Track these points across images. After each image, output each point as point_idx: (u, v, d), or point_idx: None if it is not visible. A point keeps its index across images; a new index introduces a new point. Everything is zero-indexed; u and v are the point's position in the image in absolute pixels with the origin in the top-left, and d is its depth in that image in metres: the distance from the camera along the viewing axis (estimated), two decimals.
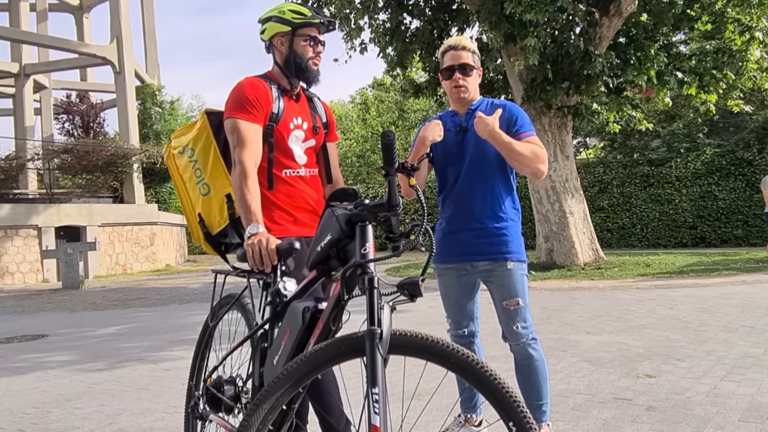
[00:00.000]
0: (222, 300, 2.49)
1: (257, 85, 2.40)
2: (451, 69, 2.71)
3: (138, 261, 19.86)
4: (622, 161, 18.47)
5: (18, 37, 21.98)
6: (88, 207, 19.08)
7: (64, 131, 27.04)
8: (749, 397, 3.38)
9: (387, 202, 1.73)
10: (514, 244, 2.68)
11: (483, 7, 10.08)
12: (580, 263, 10.89)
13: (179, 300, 10.63)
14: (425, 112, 28.20)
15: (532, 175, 2.66)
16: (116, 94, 22.67)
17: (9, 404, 4.20)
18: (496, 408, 1.51)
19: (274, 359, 1.90)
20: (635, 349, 4.72)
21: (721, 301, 7.03)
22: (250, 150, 2.29)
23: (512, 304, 2.65)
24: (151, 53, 27.30)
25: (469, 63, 2.70)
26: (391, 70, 13.18)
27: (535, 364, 2.68)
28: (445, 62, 2.74)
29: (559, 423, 3.09)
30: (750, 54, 11.62)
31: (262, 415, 1.59)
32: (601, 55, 10.05)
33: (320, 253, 1.87)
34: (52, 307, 10.96)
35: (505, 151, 2.59)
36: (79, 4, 25.97)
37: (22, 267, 17.17)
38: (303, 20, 2.40)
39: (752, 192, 16.30)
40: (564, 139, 11.40)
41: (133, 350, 6.05)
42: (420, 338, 1.58)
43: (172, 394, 4.17)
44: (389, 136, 1.67)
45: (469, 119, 2.73)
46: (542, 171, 2.63)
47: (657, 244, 17.25)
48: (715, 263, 10.90)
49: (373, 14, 11.97)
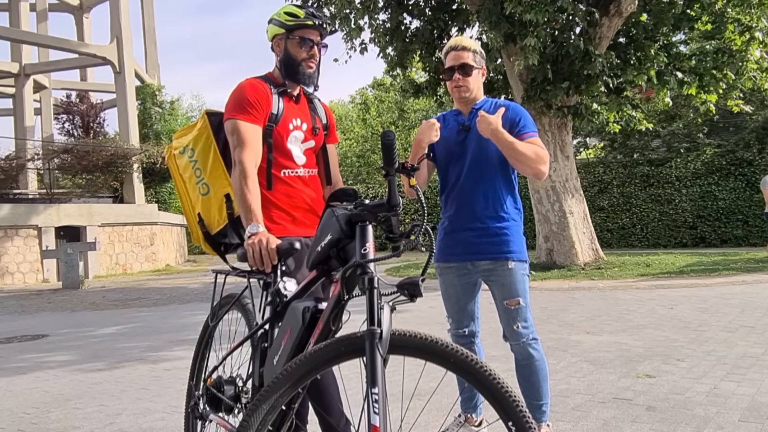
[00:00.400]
0: (222, 300, 2.49)
1: (257, 86, 2.41)
2: (451, 69, 2.73)
3: (138, 261, 19.86)
4: (622, 161, 18.47)
5: (18, 37, 21.98)
6: (88, 207, 19.08)
7: (64, 131, 27.06)
8: (749, 397, 3.38)
9: (387, 202, 1.73)
10: (516, 243, 2.69)
11: (483, 7, 10.08)
12: (580, 263, 10.89)
13: (179, 300, 10.64)
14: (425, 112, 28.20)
15: (534, 175, 2.65)
16: (116, 94, 22.67)
17: (9, 404, 4.20)
18: (496, 408, 1.51)
19: (274, 359, 1.90)
20: (635, 349, 4.72)
21: (721, 301, 7.03)
22: (250, 150, 2.30)
23: (513, 304, 2.66)
24: (151, 53, 27.29)
25: (469, 63, 2.71)
26: (391, 70, 13.18)
27: (536, 364, 2.68)
28: (447, 63, 2.77)
29: (559, 423, 3.09)
30: (750, 54, 11.61)
31: (262, 415, 1.59)
32: (601, 55, 10.06)
33: (320, 253, 1.87)
34: (52, 307, 10.96)
35: (507, 150, 2.59)
36: (79, 4, 25.97)
37: (22, 267, 17.18)
38: (295, 22, 2.40)
39: (752, 192, 16.30)
40: (564, 139, 11.40)
41: (133, 350, 6.05)
42: (420, 338, 1.58)
43: (172, 394, 4.17)
44: (389, 136, 1.67)
45: (471, 118, 2.74)
46: (543, 172, 2.63)
47: (657, 244, 17.25)
48: (715, 263, 10.90)
49: (373, 14, 11.97)
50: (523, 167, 2.62)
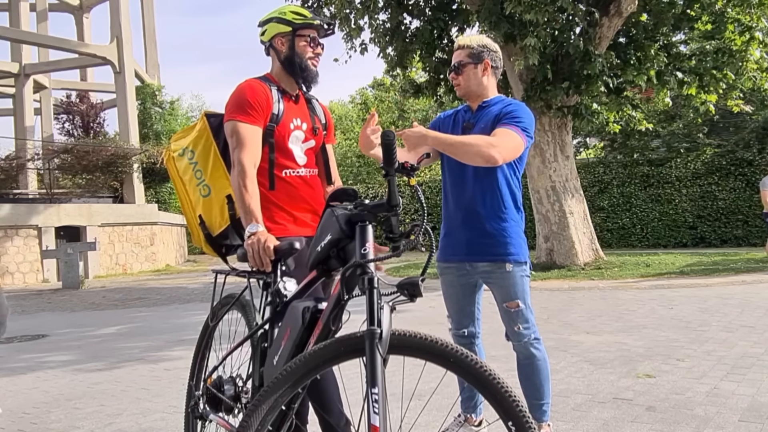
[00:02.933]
0: (222, 300, 2.50)
1: (257, 87, 2.41)
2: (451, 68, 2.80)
3: (138, 261, 19.85)
4: (622, 161, 18.46)
5: (18, 37, 21.98)
6: (88, 207, 19.08)
7: (64, 131, 27.05)
8: (749, 397, 3.38)
9: (387, 202, 1.73)
10: (515, 245, 2.67)
11: (483, 7, 10.08)
12: (580, 263, 10.88)
13: (179, 300, 10.63)
14: (425, 112, 28.18)
15: (486, 162, 2.43)
16: (116, 94, 22.66)
17: (9, 404, 4.20)
18: (496, 408, 1.51)
19: (274, 359, 1.90)
20: (635, 349, 4.72)
21: (721, 301, 7.03)
22: (249, 151, 2.31)
23: (512, 306, 2.65)
24: (151, 53, 27.29)
25: (461, 60, 2.74)
26: (391, 70, 13.17)
27: (537, 364, 2.68)
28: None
29: (559, 423, 3.09)
30: (750, 54, 11.60)
31: (262, 415, 1.59)
32: (601, 55, 10.05)
33: (320, 253, 1.87)
34: (52, 307, 10.96)
35: (444, 148, 2.47)
36: (79, 4, 25.96)
37: (22, 267, 17.17)
38: (304, 21, 2.44)
39: (752, 192, 16.29)
40: (564, 139, 11.39)
41: (133, 350, 6.05)
42: (419, 338, 1.58)
43: (172, 394, 4.17)
44: (389, 136, 1.67)
45: (476, 116, 2.74)
46: (494, 157, 2.39)
47: (657, 244, 17.24)
48: (715, 263, 10.89)
49: (373, 14, 11.96)
50: (470, 158, 2.45)
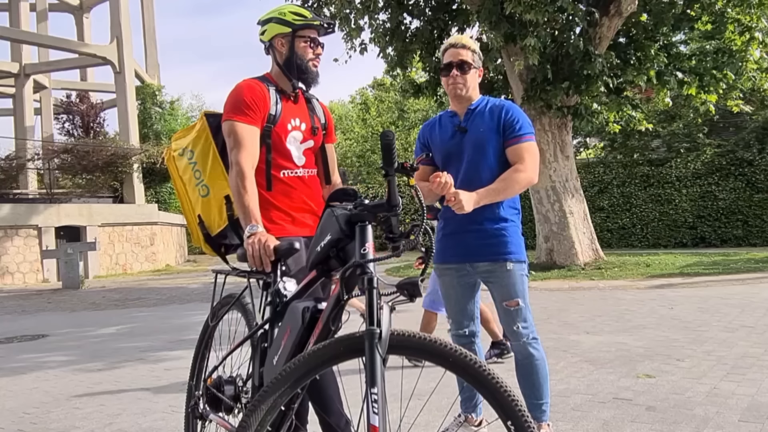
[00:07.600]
0: (222, 300, 2.50)
1: (255, 87, 2.40)
2: (449, 66, 2.73)
3: (138, 261, 19.85)
4: (622, 161, 18.46)
5: (18, 37, 21.97)
6: (88, 207, 19.08)
7: (64, 131, 27.01)
8: (749, 397, 3.38)
9: (387, 202, 1.73)
10: (514, 244, 2.68)
11: (483, 7, 10.08)
12: (580, 263, 10.88)
13: (179, 300, 10.64)
14: (425, 112, 28.16)
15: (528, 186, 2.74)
16: (116, 94, 22.66)
17: (9, 404, 4.20)
18: (495, 407, 1.51)
19: (273, 359, 1.90)
20: (635, 349, 4.72)
21: (721, 301, 7.02)
22: (246, 152, 2.30)
23: (512, 305, 2.66)
24: (151, 53, 27.28)
25: (467, 60, 2.71)
26: (391, 70, 13.17)
27: (536, 363, 2.68)
28: (445, 59, 2.76)
29: (559, 423, 3.09)
30: (750, 54, 11.62)
31: (261, 415, 1.59)
32: (601, 55, 10.05)
33: (320, 253, 1.87)
34: (52, 307, 10.96)
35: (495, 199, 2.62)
36: (79, 4, 25.95)
37: (22, 267, 17.17)
38: (303, 21, 2.42)
39: (752, 192, 16.30)
40: (564, 139, 11.39)
41: (133, 350, 6.05)
42: (419, 338, 1.59)
43: (172, 394, 4.17)
44: (389, 136, 1.67)
45: (468, 120, 2.74)
46: (533, 180, 2.69)
47: (657, 244, 17.24)
48: (715, 263, 10.89)
49: (373, 14, 11.96)
50: (516, 192, 2.69)
